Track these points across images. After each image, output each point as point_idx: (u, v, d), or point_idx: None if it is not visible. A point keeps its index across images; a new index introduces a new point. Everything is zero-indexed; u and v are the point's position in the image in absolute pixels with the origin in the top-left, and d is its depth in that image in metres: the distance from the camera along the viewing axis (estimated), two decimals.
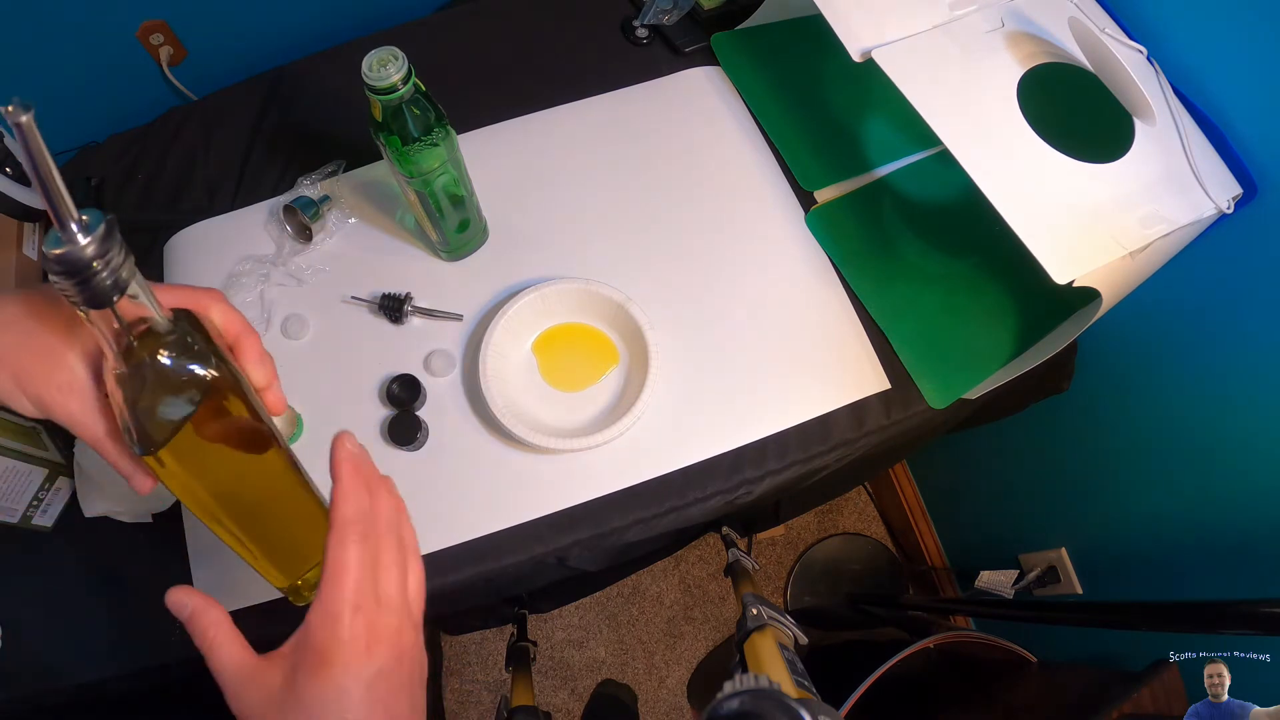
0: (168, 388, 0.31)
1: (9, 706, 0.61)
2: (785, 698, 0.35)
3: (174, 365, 0.31)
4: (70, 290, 0.27)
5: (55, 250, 0.26)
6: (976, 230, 0.70)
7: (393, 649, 0.33)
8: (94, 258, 0.26)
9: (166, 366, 0.31)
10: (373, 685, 0.32)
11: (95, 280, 0.27)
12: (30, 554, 0.63)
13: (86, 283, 0.26)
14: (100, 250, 0.26)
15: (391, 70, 0.51)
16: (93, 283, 0.27)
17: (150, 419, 0.31)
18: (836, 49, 0.62)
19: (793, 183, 0.77)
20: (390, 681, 0.33)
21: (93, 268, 0.26)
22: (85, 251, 0.26)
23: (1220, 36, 0.60)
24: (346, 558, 0.32)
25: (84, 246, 0.26)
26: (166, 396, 0.31)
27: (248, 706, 0.32)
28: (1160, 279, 0.66)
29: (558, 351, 0.69)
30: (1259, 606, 0.58)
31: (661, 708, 1.41)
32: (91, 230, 0.26)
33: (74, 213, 0.26)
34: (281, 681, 0.32)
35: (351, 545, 0.33)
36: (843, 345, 0.71)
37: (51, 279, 0.27)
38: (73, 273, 0.26)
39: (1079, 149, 0.58)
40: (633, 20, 0.83)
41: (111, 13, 0.80)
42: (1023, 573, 1.02)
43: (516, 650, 0.93)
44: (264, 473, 0.35)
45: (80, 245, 0.26)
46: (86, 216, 0.26)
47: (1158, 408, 0.78)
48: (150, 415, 0.31)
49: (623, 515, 0.65)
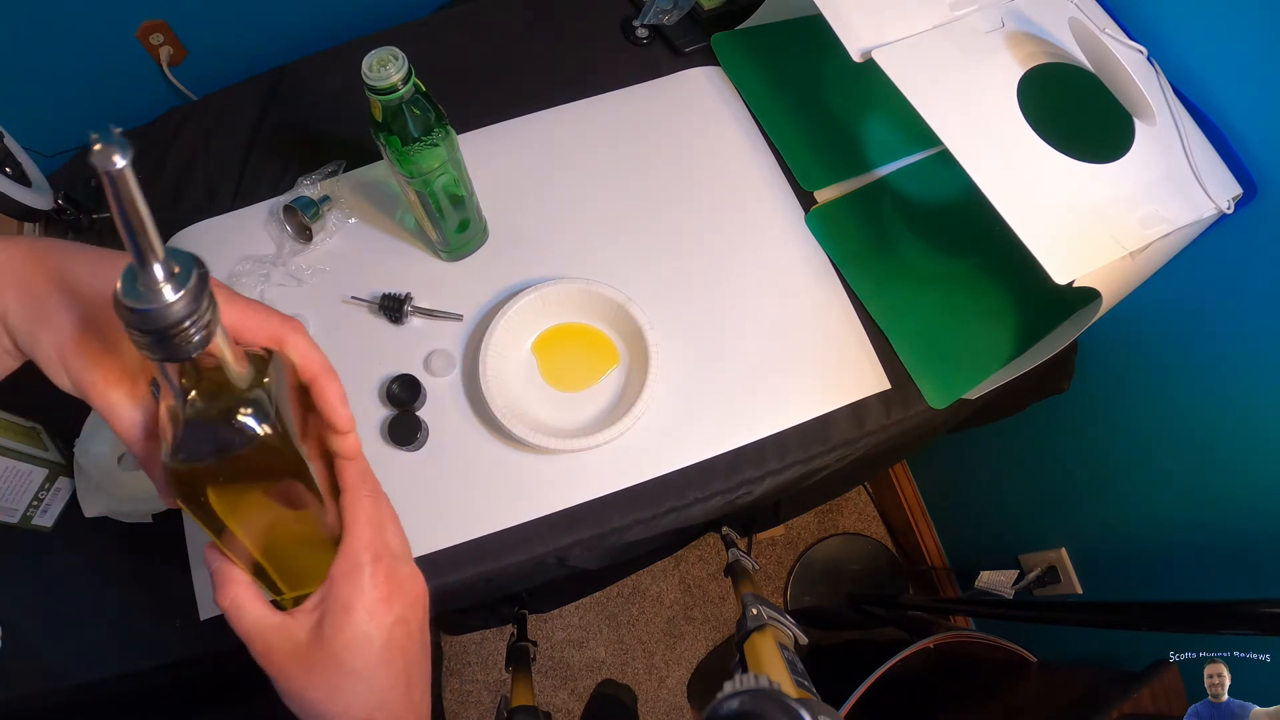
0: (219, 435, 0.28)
1: (9, 706, 0.61)
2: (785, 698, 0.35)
3: (233, 417, 0.27)
4: (144, 344, 0.22)
5: (136, 304, 0.21)
6: (976, 230, 0.70)
7: (408, 595, 0.35)
8: (182, 317, 0.22)
9: (224, 415, 0.27)
10: (393, 630, 0.34)
11: (179, 339, 0.22)
12: (30, 554, 0.63)
13: (167, 342, 0.22)
14: (189, 309, 0.22)
15: (391, 70, 0.51)
16: (175, 341, 0.22)
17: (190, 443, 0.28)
18: (836, 49, 0.62)
19: (793, 183, 0.77)
20: (408, 626, 0.35)
21: (179, 327, 0.22)
22: (173, 310, 0.21)
23: (1220, 36, 0.60)
24: (362, 514, 0.35)
25: (172, 304, 0.21)
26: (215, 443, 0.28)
27: (275, 662, 0.33)
28: (1160, 279, 0.66)
29: (558, 352, 0.69)
30: (1259, 606, 0.58)
31: (661, 708, 1.41)
32: (183, 284, 0.22)
33: (163, 260, 0.21)
34: (307, 635, 0.33)
35: (365, 502, 0.35)
36: (843, 345, 0.71)
37: (125, 329, 0.22)
38: (154, 332, 0.22)
39: (1079, 149, 0.58)
40: (633, 20, 0.83)
41: (111, 13, 0.80)
42: (1023, 573, 1.01)
43: (516, 650, 0.93)
44: (290, 518, 0.34)
45: (168, 302, 0.21)
46: (178, 266, 0.22)
47: (1158, 408, 0.78)
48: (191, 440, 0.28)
49: (623, 515, 0.65)
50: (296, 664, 0.33)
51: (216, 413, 0.27)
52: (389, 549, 0.35)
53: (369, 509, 0.35)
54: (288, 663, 0.33)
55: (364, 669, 0.33)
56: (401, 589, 0.35)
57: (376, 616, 0.33)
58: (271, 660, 0.33)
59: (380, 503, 0.36)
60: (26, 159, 0.70)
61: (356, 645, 0.33)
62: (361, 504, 0.35)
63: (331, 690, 0.33)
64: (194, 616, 0.61)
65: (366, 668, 0.33)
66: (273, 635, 0.33)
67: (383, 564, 0.34)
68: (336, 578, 0.34)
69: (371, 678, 0.33)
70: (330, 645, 0.33)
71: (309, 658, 0.33)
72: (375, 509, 0.35)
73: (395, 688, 0.34)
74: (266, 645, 0.33)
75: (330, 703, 0.33)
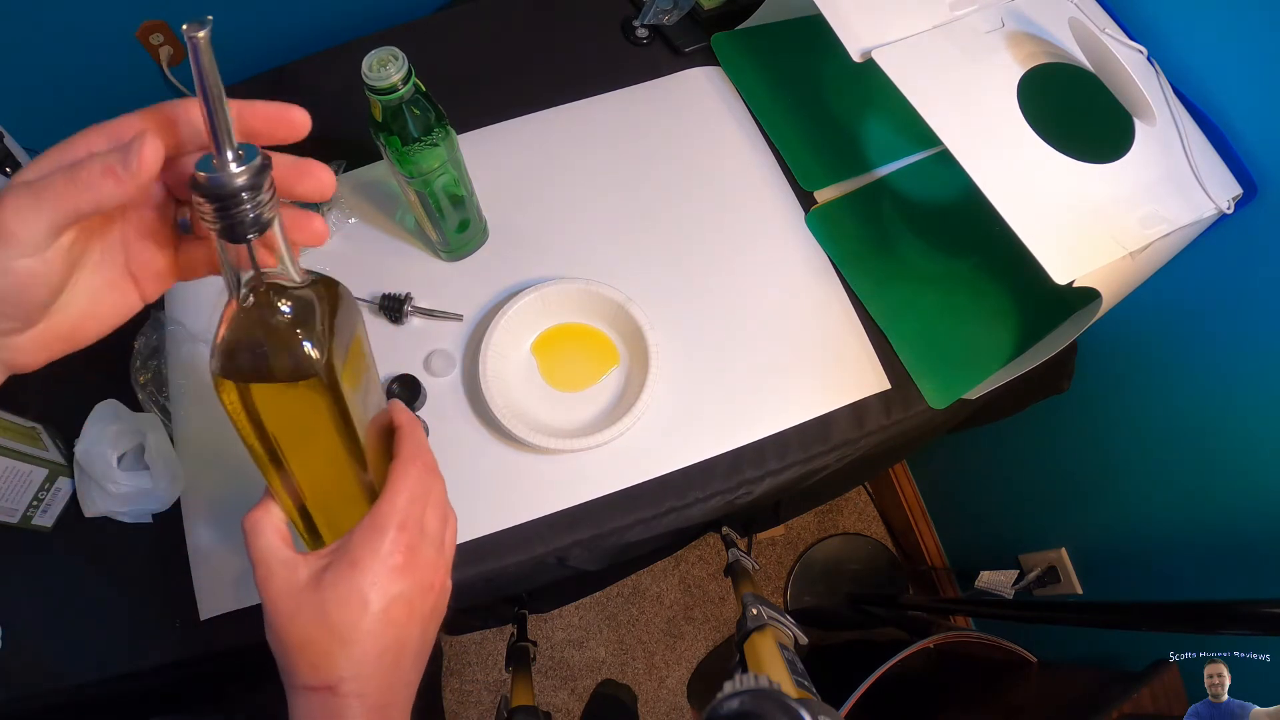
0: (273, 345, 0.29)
1: (9, 706, 0.61)
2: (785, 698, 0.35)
3: (286, 328, 0.29)
4: (210, 217, 0.26)
5: (204, 173, 0.25)
6: (976, 230, 0.70)
7: (422, 578, 0.34)
8: (242, 189, 0.25)
9: (280, 324, 0.29)
10: (393, 603, 0.33)
11: (238, 212, 0.26)
12: (30, 554, 0.63)
13: (228, 213, 0.26)
14: (250, 183, 0.26)
15: (391, 70, 0.51)
16: (235, 214, 0.26)
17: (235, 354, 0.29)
18: (837, 49, 0.62)
19: (793, 183, 0.77)
20: (410, 607, 0.34)
21: (239, 199, 0.26)
22: (235, 180, 0.25)
23: (1220, 36, 0.60)
24: (407, 478, 0.34)
25: (235, 175, 0.25)
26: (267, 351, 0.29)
27: (270, 592, 0.33)
28: (1160, 279, 0.66)
29: (558, 352, 0.69)
30: (1259, 606, 0.58)
31: (661, 708, 1.41)
32: (246, 162, 0.26)
33: (233, 140, 0.25)
34: (307, 577, 0.33)
35: (414, 470, 0.35)
36: (843, 345, 0.71)
37: (193, 201, 0.26)
38: (217, 199, 0.25)
39: (1079, 149, 0.58)
40: (633, 20, 0.83)
41: (111, 13, 0.80)
42: (1023, 573, 1.02)
43: (516, 650, 0.93)
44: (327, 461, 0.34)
45: (232, 173, 0.25)
46: (243, 150, 0.26)
47: (1158, 408, 0.78)
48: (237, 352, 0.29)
49: (623, 515, 0.65)
50: (287, 601, 0.32)
51: (267, 317, 0.29)
52: (420, 526, 0.34)
53: (415, 479, 0.35)
54: (280, 598, 0.32)
55: (346, 630, 0.32)
56: (417, 568, 0.34)
57: (380, 583, 0.32)
58: (267, 589, 0.33)
59: (431, 480, 0.36)
60: (26, 159, 0.70)
61: (348, 604, 0.32)
62: (409, 472, 0.35)
63: (307, 640, 0.32)
64: (194, 616, 0.61)
65: (349, 630, 0.32)
66: (278, 566, 0.33)
67: (406, 535, 0.33)
68: (356, 533, 0.33)
69: (352, 643, 0.32)
70: (323, 594, 0.32)
71: (299, 599, 0.32)
72: (421, 483, 0.35)
73: (374, 663, 0.33)
74: (269, 572, 0.33)
75: (302, 651, 0.32)
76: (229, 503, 0.64)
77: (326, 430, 0.32)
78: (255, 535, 0.34)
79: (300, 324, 0.29)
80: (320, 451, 0.33)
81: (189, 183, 0.26)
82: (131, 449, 0.63)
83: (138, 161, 0.25)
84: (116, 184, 0.25)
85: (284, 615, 0.32)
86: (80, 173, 0.25)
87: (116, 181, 0.25)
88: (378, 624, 0.32)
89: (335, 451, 0.33)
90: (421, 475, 0.35)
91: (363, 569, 0.32)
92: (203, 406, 0.67)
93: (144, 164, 0.25)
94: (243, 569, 0.62)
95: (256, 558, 0.33)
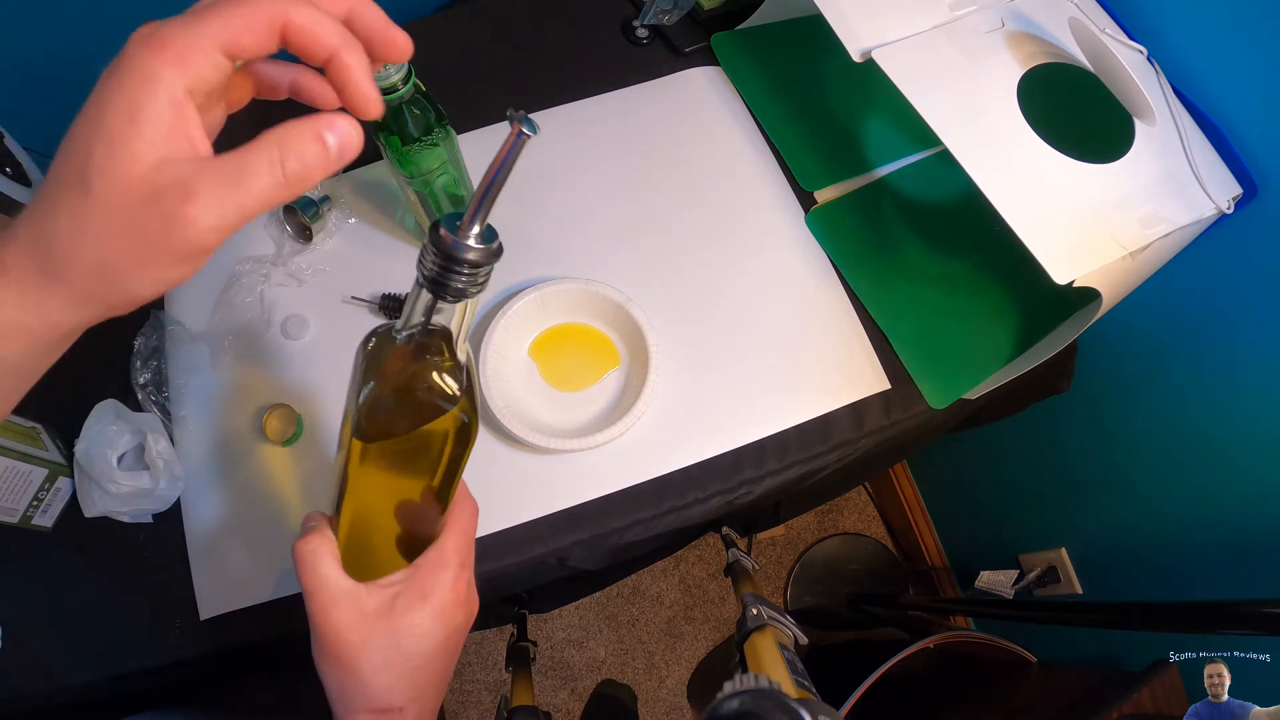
0: (417, 400, 0.31)
1: (9, 706, 0.61)
2: (785, 698, 0.35)
3: (436, 389, 0.31)
4: (429, 266, 0.28)
5: (448, 233, 0.27)
6: (976, 230, 0.70)
7: (469, 615, 0.37)
8: (471, 262, 0.28)
9: (432, 384, 0.31)
10: (451, 635, 0.36)
11: (454, 277, 0.28)
12: (30, 554, 0.63)
13: (447, 272, 0.28)
14: (479, 260, 0.28)
15: (391, 70, 0.51)
16: (451, 277, 0.28)
17: (378, 409, 0.31)
18: (836, 49, 0.62)
19: (793, 183, 0.77)
20: (458, 639, 0.37)
21: (463, 268, 0.28)
22: (469, 254, 0.28)
23: (1220, 36, 0.60)
24: (463, 522, 0.37)
25: (473, 249, 0.28)
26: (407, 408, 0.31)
27: (335, 621, 0.34)
28: (1160, 279, 0.66)
29: (558, 352, 0.69)
30: (1259, 606, 0.58)
31: (661, 708, 1.41)
32: (485, 241, 0.28)
33: (485, 219, 0.28)
34: (376, 606, 0.34)
35: (468, 513, 0.38)
36: (843, 345, 0.71)
37: (423, 249, 0.28)
38: (447, 258, 0.27)
39: (1079, 149, 0.58)
40: (633, 20, 0.83)
41: (111, 12, 0.80)
42: (1023, 573, 1.02)
43: (516, 650, 0.93)
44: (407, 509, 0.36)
45: (470, 246, 0.28)
46: (487, 228, 0.28)
47: (1158, 408, 0.78)
48: (380, 406, 0.31)
49: (623, 515, 0.65)
50: (355, 630, 0.34)
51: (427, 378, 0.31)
52: (471, 562, 0.37)
53: (469, 520, 0.38)
54: (345, 627, 0.34)
55: (416, 657, 0.34)
56: (471, 602, 0.37)
57: (445, 615, 0.35)
58: (330, 618, 0.34)
59: (476, 519, 0.39)
60: (26, 159, 0.70)
61: (419, 633, 0.34)
62: (466, 511, 0.38)
63: (380, 666, 0.34)
64: (194, 616, 0.61)
65: (419, 657, 0.34)
66: (340, 595, 0.34)
67: (466, 572, 0.37)
68: (423, 567, 0.35)
69: (419, 668, 0.35)
70: (396, 624, 0.34)
71: (370, 628, 0.34)
72: (473, 522, 0.38)
73: (433, 686, 0.36)
74: (331, 601, 0.34)
75: (375, 675, 0.34)
76: (229, 503, 0.64)
77: (434, 475, 0.34)
78: (315, 562, 0.35)
79: (461, 383, 0.32)
80: (416, 493, 0.36)
81: (431, 228, 0.28)
82: (131, 449, 0.63)
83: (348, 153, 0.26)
84: (324, 168, 0.26)
85: (352, 644, 0.34)
86: (292, 164, 0.25)
87: (326, 167, 0.26)
88: (442, 652, 0.35)
89: (430, 494, 0.36)
90: (474, 514, 0.38)
91: (432, 602, 0.35)
92: (203, 406, 0.67)
93: (347, 156, 0.26)
94: (243, 569, 0.62)
95: (315, 585, 0.34)
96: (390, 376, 0.31)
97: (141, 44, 0.24)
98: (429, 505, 0.36)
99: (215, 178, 0.24)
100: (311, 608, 0.34)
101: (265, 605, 0.61)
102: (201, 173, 0.24)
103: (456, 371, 0.32)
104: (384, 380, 0.31)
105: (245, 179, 0.25)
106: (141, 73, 0.23)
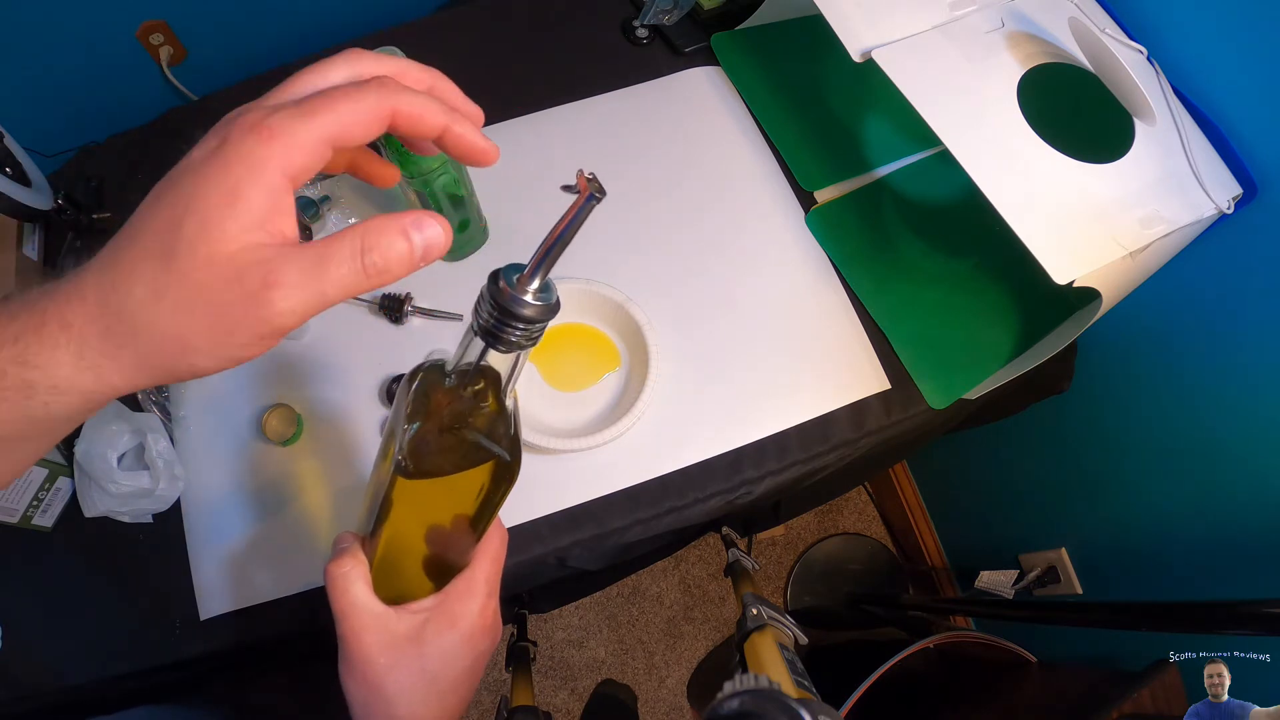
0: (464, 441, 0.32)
1: (9, 706, 0.61)
2: (785, 698, 0.35)
3: (481, 437, 0.32)
4: (485, 315, 0.28)
5: (507, 286, 0.27)
6: (976, 230, 0.70)
7: (494, 641, 0.38)
8: (527, 318, 0.28)
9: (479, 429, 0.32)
10: (476, 661, 0.37)
11: (509, 329, 0.28)
12: (30, 554, 0.63)
13: (503, 323, 0.28)
14: (535, 316, 0.28)
15: None
16: (505, 328, 0.28)
17: (423, 448, 0.31)
18: (836, 49, 0.62)
19: (793, 183, 0.77)
20: (481, 664, 0.37)
21: (518, 321, 0.28)
22: (525, 310, 0.27)
23: (1220, 36, 0.60)
24: (492, 550, 0.37)
25: (530, 305, 0.28)
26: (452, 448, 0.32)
27: (366, 645, 0.34)
28: (1160, 279, 0.66)
29: (558, 352, 0.69)
30: (1259, 606, 0.58)
31: (661, 708, 1.41)
32: (543, 299, 0.28)
33: (546, 275, 0.28)
34: (406, 631, 0.35)
35: (501, 546, 0.38)
36: (843, 345, 0.71)
37: (479, 298, 0.28)
38: (503, 310, 0.28)
39: (1079, 149, 0.58)
40: (633, 20, 0.83)
41: (111, 13, 0.80)
42: (1023, 573, 1.02)
43: (516, 650, 0.93)
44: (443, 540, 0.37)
45: (527, 302, 0.27)
46: (546, 285, 0.28)
47: (1157, 408, 0.78)
48: (425, 445, 0.31)
49: (623, 515, 0.65)
50: (384, 653, 0.34)
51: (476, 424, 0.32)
52: (498, 590, 0.38)
53: (500, 548, 0.38)
54: (375, 650, 0.34)
55: (442, 681, 0.35)
56: (496, 629, 0.38)
57: (472, 641, 0.36)
58: (360, 641, 0.34)
59: (505, 548, 0.39)
60: (26, 159, 0.70)
61: (448, 658, 0.35)
62: (497, 540, 0.38)
63: (406, 688, 0.35)
64: (194, 616, 0.61)
65: (446, 681, 0.35)
66: (370, 619, 0.35)
67: (494, 600, 0.37)
68: (453, 594, 0.36)
69: (445, 692, 0.35)
70: (426, 648, 0.35)
71: (399, 651, 0.35)
72: (503, 551, 0.38)
73: (456, 709, 0.37)
74: (362, 625, 0.34)
75: (400, 697, 0.35)
76: (229, 503, 0.64)
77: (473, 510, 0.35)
78: (347, 585, 0.35)
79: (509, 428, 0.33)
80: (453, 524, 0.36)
81: (490, 278, 0.28)
82: (131, 449, 0.63)
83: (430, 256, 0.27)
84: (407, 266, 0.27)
85: (380, 666, 0.34)
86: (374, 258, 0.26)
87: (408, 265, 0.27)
88: (465, 676, 0.36)
89: (465, 526, 0.36)
90: (504, 544, 0.39)
91: (461, 628, 0.35)
92: (203, 406, 0.67)
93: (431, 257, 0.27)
94: (243, 569, 0.62)
95: (347, 608, 0.35)
96: (437, 416, 0.31)
97: (250, 131, 0.24)
98: (464, 535, 0.37)
99: (299, 264, 0.24)
100: (343, 630, 0.35)
101: (265, 605, 0.61)
102: (286, 258, 0.24)
103: (504, 417, 0.32)
104: (430, 419, 0.31)
105: (327, 267, 0.25)
106: (249, 160, 0.24)
